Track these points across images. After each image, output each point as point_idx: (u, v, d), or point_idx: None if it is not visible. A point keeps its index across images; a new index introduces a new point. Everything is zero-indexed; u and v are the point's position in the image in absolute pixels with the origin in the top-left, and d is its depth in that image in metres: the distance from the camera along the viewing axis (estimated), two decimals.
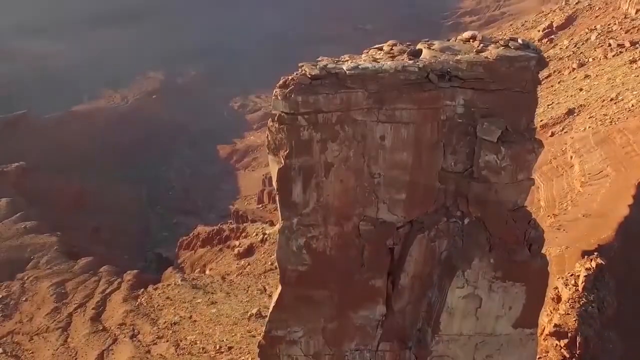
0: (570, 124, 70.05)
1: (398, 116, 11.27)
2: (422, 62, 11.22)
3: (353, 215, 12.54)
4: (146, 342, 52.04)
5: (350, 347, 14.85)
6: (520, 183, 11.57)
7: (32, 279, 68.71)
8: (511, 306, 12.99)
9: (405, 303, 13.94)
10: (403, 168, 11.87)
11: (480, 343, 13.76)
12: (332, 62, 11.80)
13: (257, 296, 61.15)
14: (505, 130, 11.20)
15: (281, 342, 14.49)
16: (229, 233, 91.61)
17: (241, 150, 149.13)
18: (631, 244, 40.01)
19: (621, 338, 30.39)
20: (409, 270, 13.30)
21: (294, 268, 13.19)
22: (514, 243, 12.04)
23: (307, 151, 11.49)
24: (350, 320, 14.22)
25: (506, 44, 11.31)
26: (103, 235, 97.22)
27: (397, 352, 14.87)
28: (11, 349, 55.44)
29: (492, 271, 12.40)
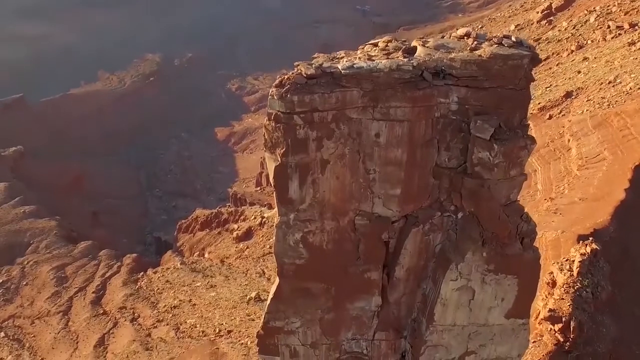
0: (568, 107, 69.99)
1: (393, 114, 11.45)
2: (417, 60, 11.35)
3: (349, 210, 12.79)
4: (146, 326, 52.62)
5: (347, 336, 15.21)
6: (513, 179, 11.79)
7: (32, 263, 69.18)
8: (503, 297, 13.30)
9: (400, 294, 14.26)
10: (398, 164, 12.08)
11: (473, 333, 14.11)
12: (327, 60, 11.94)
13: (255, 279, 61.62)
14: (499, 128, 11.38)
15: (279, 332, 14.84)
16: (227, 216, 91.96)
17: (239, 133, 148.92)
18: (626, 228, 40.35)
19: (615, 322, 30.82)
20: (404, 262, 13.59)
21: (291, 262, 13.47)
22: (506, 237, 12.30)
23: (303, 149, 11.69)
24: (346, 311, 14.55)
25: (500, 42, 11.44)
26: (102, 219, 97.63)
27: (393, 341, 15.24)
28: (13, 332, 56.07)
29: (484, 264, 12.68)
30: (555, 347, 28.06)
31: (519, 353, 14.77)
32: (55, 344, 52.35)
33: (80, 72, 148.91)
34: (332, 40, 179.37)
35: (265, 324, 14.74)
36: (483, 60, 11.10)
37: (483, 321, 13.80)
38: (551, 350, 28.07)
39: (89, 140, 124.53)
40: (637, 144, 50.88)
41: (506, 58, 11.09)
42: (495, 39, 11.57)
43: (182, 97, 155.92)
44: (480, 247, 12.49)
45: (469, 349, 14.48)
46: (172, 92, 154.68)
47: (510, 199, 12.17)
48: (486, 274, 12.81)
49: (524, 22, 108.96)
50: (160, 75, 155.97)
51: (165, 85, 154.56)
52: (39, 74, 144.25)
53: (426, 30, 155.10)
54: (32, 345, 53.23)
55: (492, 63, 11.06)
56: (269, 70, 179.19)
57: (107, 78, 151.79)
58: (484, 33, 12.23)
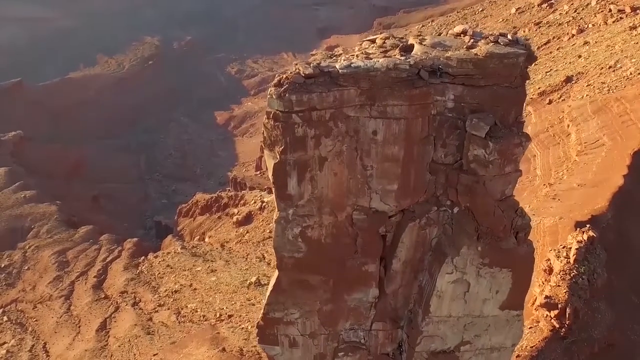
0: (568, 92, 69.86)
1: (390, 112, 11.62)
2: (414, 58, 11.49)
3: (346, 205, 13.02)
4: (148, 310, 53.07)
5: (345, 326, 15.54)
6: (508, 175, 12.00)
7: (33, 248, 69.58)
8: (498, 290, 13.58)
9: (397, 286, 14.55)
10: (395, 161, 12.29)
11: (468, 324, 14.42)
12: (325, 58, 12.07)
13: (255, 264, 61.99)
14: (494, 125, 11.56)
15: (279, 323, 15.17)
16: (227, 201, 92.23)
17: (239, 117, 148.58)
18: (624, 214, 40.62)
19: (610, 308, 31.24)
20: (401, 256, 13.85)
21: (290, 255, 13.74)
22: (501, 231, 12.53)
23: (301, 147, 11.88)
24: (344, 303, 14.85)
25: (496, 40, 11.55)
26: (102, 204, 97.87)
27: (390, 331, 15.57)
28: (15, 316, 56.59)
29: (479, 258, 12.94)
30: (551, 333, 28.52)
31: (513, 343, 15.11)
32: (58, 328, 52.90)
33: (79, 56, 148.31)
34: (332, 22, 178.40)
35: (265, 315, 15.07)
36: (479, 59, 11.24)
37: (478, 313, 14.10)
38: (547, 336, 28.52)
39: (89, 125, 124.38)
40: (636, 129, 50.93)
41: (502, 57, 11.23)
42: (492, 37, 11.70)
43: (181, 80, 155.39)
44: (476, 242, 12.74)
45: (464, 339, 14.81)
46: (171, 75, 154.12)
47: (505, 194, 12.38)
48: (481, 267, 13.08)
49: (525, 5, 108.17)
50: (159, 59, 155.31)
51: (164, 69, 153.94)
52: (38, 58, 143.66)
53: (427, 12, 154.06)
54: (34, 329, 53.77)
55: (487, 62, 11.20)
56: (269, 53, 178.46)
57: (105, 62, 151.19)
58: (480, 30, 12.35)
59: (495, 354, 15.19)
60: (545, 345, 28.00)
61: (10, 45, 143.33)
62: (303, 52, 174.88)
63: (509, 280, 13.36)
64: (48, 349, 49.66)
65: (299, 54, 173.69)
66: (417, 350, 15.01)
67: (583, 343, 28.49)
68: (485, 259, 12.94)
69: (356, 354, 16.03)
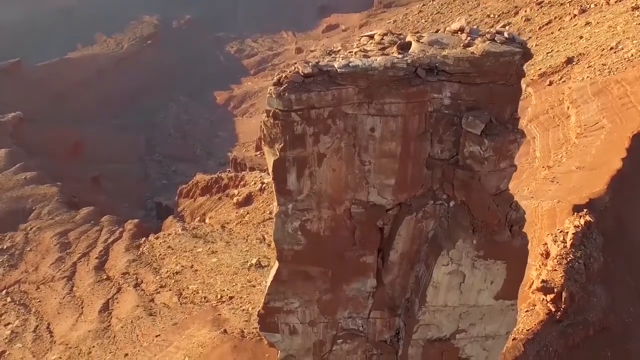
0: (569, 73, 69.65)
1: (387, 110, 11.83)
2: (411, 57, 11.64)
3: (345, 199, 13.28)
4: (149, 291, 53.63)
5: (343, 315, 15.93)
6: (503, 170, 12.24)
7: (35, 230, 70.07)
8: (492, 281, 13.92)
9: (394, 276, 14.89)
10: (392, 156, 12.52)
11: (464, 313, 14.79)
12: (324, 55, 12.23)
13: (256, 245, 62.40)
14: (489, 123, 11.76)
15: (279, 312, 15.56)
16: (227, 182, 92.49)
17: (238, 97, 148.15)
18: (621, 197, 40.93)
19: (606, 291, 31.73)
20: (398, 247, 14.16)
21: (290, 248, 14.05)
22: (495, 225, 12.82)
23: (300, 144, 12.11)
24: (343, 292, 15.21)
25: (492, 38, 11.68)
26: (102, 184, 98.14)
27: (387, 319, 15.96)
28: (19, 297, 57.24)
29: (474, 250, 13.24)
30: (547, 317, 29.03)
31: (507, 331, 15.50)
32: (61, 309, 53.54)
33: (77, 35, 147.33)
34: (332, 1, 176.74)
35: (266, 304, 15.44)
36: (475, 57, 11.39)
37: (473, 302, 14.46)
38: (543, 319, 29.03)
39: (88, 105, 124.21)
40: (636, 112, 50.94)
41: (498, 55, 11.38)
42: (488, 34, 11.82)
43: (180, 60, 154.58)
44: (471, 235, 13.03)
45: (460, 328, 15.20)
46: (170, 55, 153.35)
47: (500, 188, 12.63)
48: (476, 259, 13.39)
49: None
50: (158, 38, 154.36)
51: (163, 48, 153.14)
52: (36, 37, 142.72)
53: None
54: (38, 310, 54.45)
55: (484, 60, 11.37)
56: (269, 32, 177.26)
57: (104, 41, 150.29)
58: (477, 28, 12.46)
59: (489, 342, 15.61)
60: (541, 329, 28.52)
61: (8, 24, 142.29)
62: (303, 31, 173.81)
63: (503, 271, 13.68)
64: (52, 329, 50.37)
65: (299, 33, 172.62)
66: (414, 338, 15.42)
67: (578, 326, 29.02)
68: (480, 251, 13.25)
69: (354, 341, 16.46)
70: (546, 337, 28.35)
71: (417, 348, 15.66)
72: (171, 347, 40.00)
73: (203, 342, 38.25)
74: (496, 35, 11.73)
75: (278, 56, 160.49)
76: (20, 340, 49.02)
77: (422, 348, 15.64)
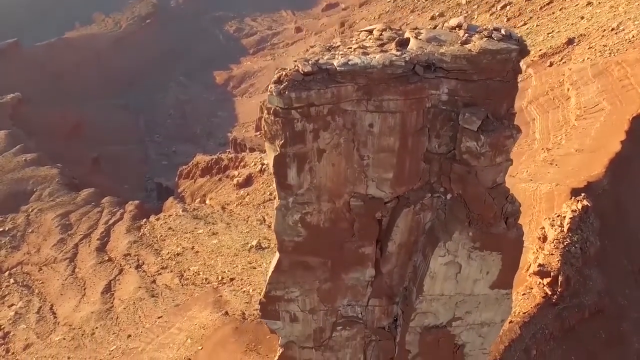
0: (569, 54, 69.46)
1: (385, 106, 12.04)
2: (409, 54, 11.81)
3: (344, 193, 13.56)
4: (151, 273, 54.12)
5: (342, 303, 16.31)
6: (499, 165, 12.49)
7: (36, 211, 70.44)
8: (488, 271, 14.25)
9: (392, 266, 15.23)
10: (390, 151, 12.77)
11: (460, 302, 15.17)
12: (324, 51, 12.39)
13: (256, 227, 62.76)
14: (486, 119, 11.97)
15: (280, 300, 15.94)
16: (227, 162, 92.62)
17: (238, 77, 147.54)
18: (619, 180, 41.21)
19: (602, 274, 32.21)
20: (396, 239, 14.48)
21: (290, 239, 14.37)
22: (491, 218, 13.10)
23: (300, 140, 12.35)
24: (342, 281, 15.57)
25: (489, 35, 11.83)
26: (102, 166, 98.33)
27: (386, 306, 16.34)
28: (22, 279, 57.80)
29: (471, 242, 13.55)
30: (543, 300, 29.53)
31: (502, 318, 15.89)
32: (64, 290, 54.14)
33: (75, 14, 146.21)
34: None
35: (267, 293, 15.80)
36: (472, 55, 11.57)
37: (469, 291, 14.81)
38: (539, 303, 29.53)
39: (87, 85, 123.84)
40: (636, 94, 50.94)
41: (495, 53, 11.56)
42: (486, 31, 11.97)
43: (179, 39, 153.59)
44: (467, 227, 13.32)
45: (456, 316, 15.59)
46: (168, 34, 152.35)
47: (497, 182, 12.89)
48: (472, 251, 13.71)
49: None
50: (156, 17, 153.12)
51: (162, 28, 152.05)
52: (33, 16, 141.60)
53: None
54: (41, 291, 55.04)
55: (481, 57, 11.54)
56: (268, 10, 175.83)
57: (102, 20, 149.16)
58: (475, 24, 12.60)
59: (485, 329, 16.01)
60: (537, 312, 29.04)
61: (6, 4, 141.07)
62: (302, 10, 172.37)
63: (499, 262, 14.01)
64: (55, 310, 51.01)
65: (299, 12, 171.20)
66: (412, 325, 15.82)
67: (574, 309, 29.55)
68: (476, 243, 13.56)
69: (354, 328, 16.87)
70: (542, 319, 28.90)
71: (415, 335, 16.07)
72: (173, 328, 40.64)
73: (205, 323, 38.87)
74: (493, 32, 11.88)
75: (277, 35, 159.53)
76: (24, 321, 49.70)
77: (419, 335, 16.06)
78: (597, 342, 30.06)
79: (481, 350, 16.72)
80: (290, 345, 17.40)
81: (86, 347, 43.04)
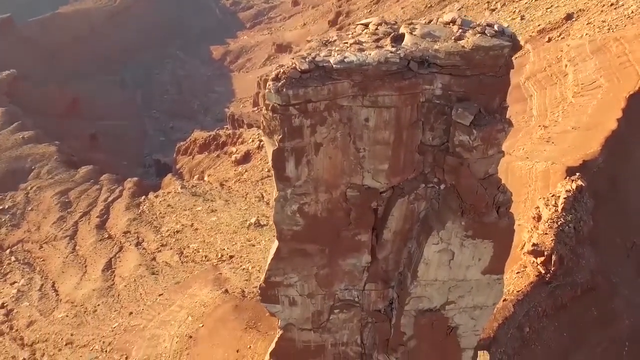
0: (568, 30, 69.06)
1: (381, 101, 12.36)
2: (403, 50, 12.06)
3: (341, 184, 13.95)
4: (151, 250, 54.71)
5: (340, 287, 16.84)
6: (491, 157, 12.85)
7: (35, 189, 70.76)
8: (480, 258, 14.73)
9: (387, 252, 15.70)
10: (385, 144, 13.12)
11: (453, 286, 15.68)
12: (321, 45, 12.62)
13: (255, 204, 63.14)
14: (478, 113, 12.29)
15: (279, 285, 16.46)
16: (225, 139, 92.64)
17: (235, 51, 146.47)
18: (615, 158, 41.56)
19: (595, 253, 32.82)
20: (391, 226, 14.92)
21: (289, 228, 14.81)
22: (483, 207, 13.51)
23: (298, 135, 12.69)
24: (339, 267, 16.07)
25: (483, 31, 12.07)
26: (100, 142, 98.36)
27: (381, 290, 16.88)
28: (23, 256, 58.40)
29: (463, 231, 13.99)
30: (537, 278, 30.18)
31: (494, 302, 16.43)
32: (65, 268, 54.77)
33: None
34: None
35: (267, 279, 16.31)
36: (466, 51, 11.83)
37: (462, 277, 15.32)
38: (533, 281, 30.19)
39: (82, 61, 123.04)
40: (634, 71, 50.91)
41: (488, 49, 11.81)
42: (479, 27, 12.20)
43: (174, 14, 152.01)
44: (460, 217, 13.75)
45: (449, 299, 16.12)
46: (164, 8, 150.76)
47: (489, 172, 13.27)
48: (464, 239, 14.16)
49: None
50: None
51: (157, 2, 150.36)
52: None
53: None
54: (42, 269, 55.67)
55: (474, 54, 11.81)
56: None
57: None
58: (469, 19, 12.82)
59: (477, 312, 16.56)
60: (531, 290, 29.71)
61: None
62: None
63: (490, 249, 14.48)
64: (57, 288, 51.71)
65: None
66: (406, 309, 16.35)
67: (566, 287, 30.21)
68: (469, 231, 14.00)
69: (350, 311, 17.43)
70: (535, 297, 29.58)
71: (409, 318, 16.63)
72: (174, 305, 41.35)
73: (205, 301, 39.57)
74: (486, 28, 12.12)
75: (274, 9, 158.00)
76: (27, 298, 50.42)
77: (414, 318, 16.61)
78: (589, 318, 30.79)
79: (474, 331, 17.31)
80: (289, 327, 17.99)
81: (89, 324, 43.82)
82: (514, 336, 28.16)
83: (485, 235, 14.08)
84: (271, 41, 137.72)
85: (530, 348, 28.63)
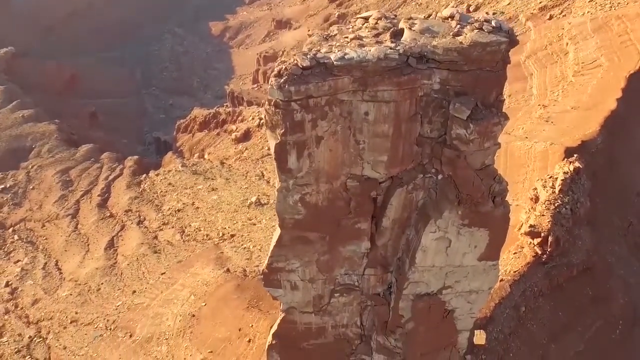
0: (570, 7, 68.60)
1: (380, 96, 12.69)
2: (402, 46, 12.34)
3: (341, 174, 14.36)
4: (153, 229, 55.16)
5: (340, 272, 17.34)
6: (487, 149, 13.23)
7: (36, 168, 70.93)
8: (476, 245, 15.19)
9: (386, 239, 16.16)
10: (385, 137, 13.48)
11: (450, 272, 16.18)
12: (322, 40, 12.89)
13: (255, 182, 63.41)
14: (475, 107, 12.61)
15: (281, 271, 16.97)
16: (225, 117, 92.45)
17: (234, 27, 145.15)
18: (614, 138, 41.78)
19: (591, 234, 33.30)
20: (390, 215, 15.35)
21: (291, 217, 15.24)
22: (479, 197, 13.92)
23: (300, 129, 13.04)
24: (339, 253, 16.54)
25: (480, 27, 12.32)
26: (100, 120, 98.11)
27: (380, 275, 17.38)
28: (26, 235, 58.88)
29: (460, 220, 14.43)
30: (534, 259, 30.71)
31: (489, 287, 16.95)
32: (68, 246, 55.34)
33: None
34: None
35: (269, 264, 16.80)
36: (463, 47, 12.11)
37: (458, 263, 15.80)
38: (530, 262, 30.72)
39: (80, 38, 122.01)
40: (634, 51, 50.77)
41: (485, 45, 12.10)
42: (477, 23, 12.44)
43: None
44: (456, 206, 14.17)
45: (446, 284, 16.64)
46: None
47: (485, 164, 13.65)
48: (461, 227, 14.61)
49: None
50: None
51: None
52: None
53: None
54: (45, 247, 56.23)
55: (471, 50, 12.10)
56: None
57: None
58: (467, 14, 13.05)
59: (473, 296, 17.09)
60: (527, 270, 30.25)
61: None
62: None
63: (486, 237, 14.93)
64: (60, 266, 52.35)
65: None
66: (405, 293, 16.87)
67: (562, 267, 30.76)
68: (465, 220, 14.44)
69: (350, 295, 17.95)
70: (531, 278, 30.13)
71: (407, 302, 17.15)
72: (177, 284, 42.03)
73: (207, 280, 40.22)
74: (484, 23, 12.36)
75: None
76: (31, 277, 51.09)
77: (411, 302, 17.13)
78: (584, 298, 31.40)
79: (470, 314, 17.86)
80: (291, 310, 18.53)
81: (93, 302, 44.57)
82: (510, 315, 28.76)
83: (481, 223, 14.51)
84: (271, 17, 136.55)
85: (526, 327, 29.28)
